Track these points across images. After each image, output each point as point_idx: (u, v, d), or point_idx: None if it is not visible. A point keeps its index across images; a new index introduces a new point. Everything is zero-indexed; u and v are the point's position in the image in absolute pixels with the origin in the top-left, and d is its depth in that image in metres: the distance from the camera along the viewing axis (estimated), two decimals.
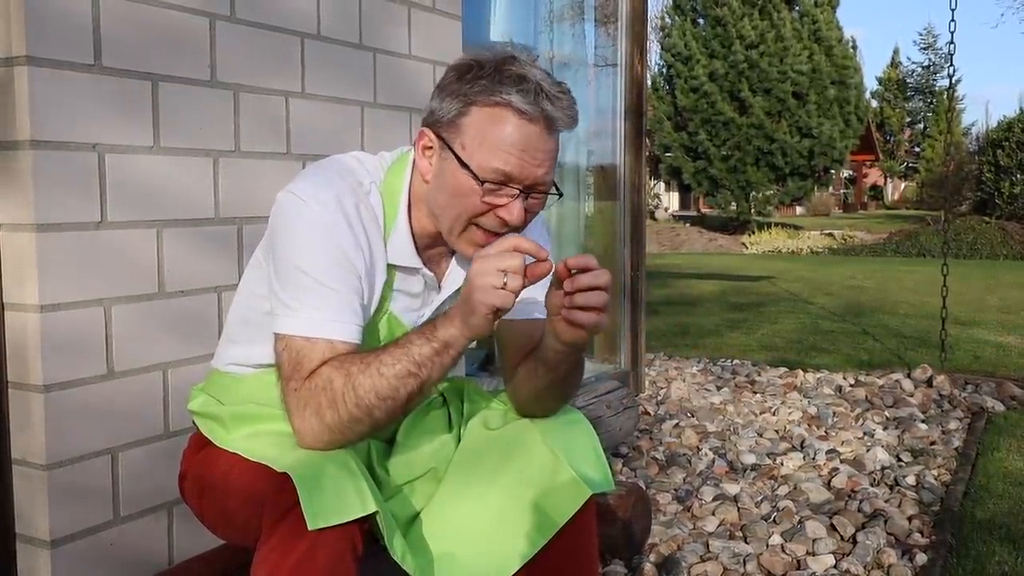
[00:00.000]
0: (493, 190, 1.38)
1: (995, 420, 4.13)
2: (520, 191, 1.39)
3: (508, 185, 1.38)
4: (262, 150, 2.23)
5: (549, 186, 1.43)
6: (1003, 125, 22.62)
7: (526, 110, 1.36)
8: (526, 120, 1.37)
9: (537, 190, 1.41)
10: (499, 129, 1.37)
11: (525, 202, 1.40)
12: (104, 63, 1.86)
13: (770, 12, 20.83)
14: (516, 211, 1.39)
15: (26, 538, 1.84)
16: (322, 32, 2.37)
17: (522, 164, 1.37)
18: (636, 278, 4.44)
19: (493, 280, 1.28)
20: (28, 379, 1.79)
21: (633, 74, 4.31)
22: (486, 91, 1.37)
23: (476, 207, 1.39)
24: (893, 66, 45.81)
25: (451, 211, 1.42)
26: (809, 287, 10.28)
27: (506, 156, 1.37)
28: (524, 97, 1.36)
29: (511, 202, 1.39)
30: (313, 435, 1.34)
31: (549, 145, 1.40)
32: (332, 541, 1.25)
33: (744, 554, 2.58)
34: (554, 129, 1.40)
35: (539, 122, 1.37)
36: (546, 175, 1.41)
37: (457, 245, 1.45)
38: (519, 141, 1.37)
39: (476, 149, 1.38)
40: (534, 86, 1.37)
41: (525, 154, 1.37)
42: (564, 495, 1.48)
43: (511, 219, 1.39)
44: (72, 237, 1.82)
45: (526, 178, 1.38)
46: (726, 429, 3.89)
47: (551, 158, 1.41)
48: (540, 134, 1.38)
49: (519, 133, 1.37)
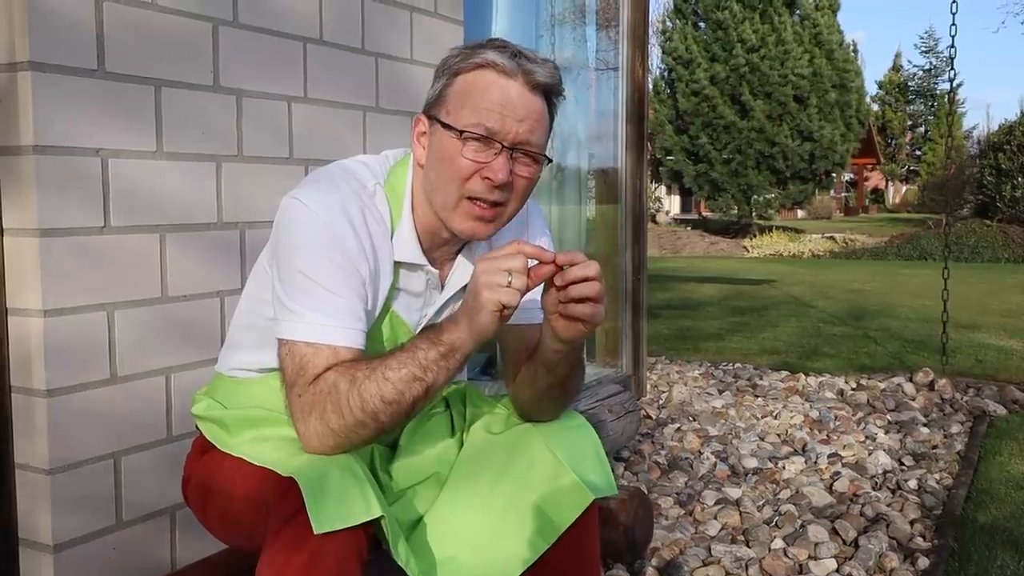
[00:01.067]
0: (475, 145, 1.38)
1: (997, 424, 4.13)
2: (503, 147, 1.39)
3: (490, 139, 1.38)
4: (265, 155, 2.23)
5: (537, 148, 1.43)
6: (1004, 128, 22.66)
7: (503, 63, 1.39)
8: (504, 75, 1.39)
9: (523, 150, 1.41)
10: (479, 87, 1.40)
11: (512, 163, 1.40)
12: (107, 68, 1.87)
13: (771, 16, 20.86)
14: (499, 167, 1.38)
15: (29, 543, 1.84)
16: (324, 37, 2.38)
17: (503, 118, 1.38)
18: (637, 282, 4.44)
19: (498, 279, 1.28)
20: (31, 384, 1.80)
21: (634, 78, 4.32)
22: (466, 58, 1.42)
23: (462, 167, 1.39)
24: (894, 69, 45.86)
25: (442, 180, 1.42)
26: (810, 291, 10.28)
27: (487, 112, 1.38)
28: (501, 53, 1.40)
29: (495, 159, 1.39)
30: (318, 439, 1.34)
31: (532, 104, 1.41)
32: (337, 545, 1.25)
33: (746, 558, 2.58)
34: (535, 86, 1.41)
35: (517, 76, 1.39)
36: (530, 134, 1.41)
37: (452, 220, 1.44)
38: (498, 95, 1.39)
39: (459, 111, 1.40)
40: (512, 49, 1.41)
41: (505, 108, 1.38)
42: (566, 499, 1.49)
43: (496, 177, 1.38)
44: (75, 242, 1.82)
45: (508, 133, 1.38)
46: (728, 433, 3.89)
47: (535, 118, 1.41)
48: (520, 89, 1.39)
49: (497, 87, 1.39)
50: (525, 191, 1.45)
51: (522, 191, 1.45)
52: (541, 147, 1.44)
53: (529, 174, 1.44)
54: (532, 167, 1.44)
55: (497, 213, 1.43)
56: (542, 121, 1.43)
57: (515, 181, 1.42)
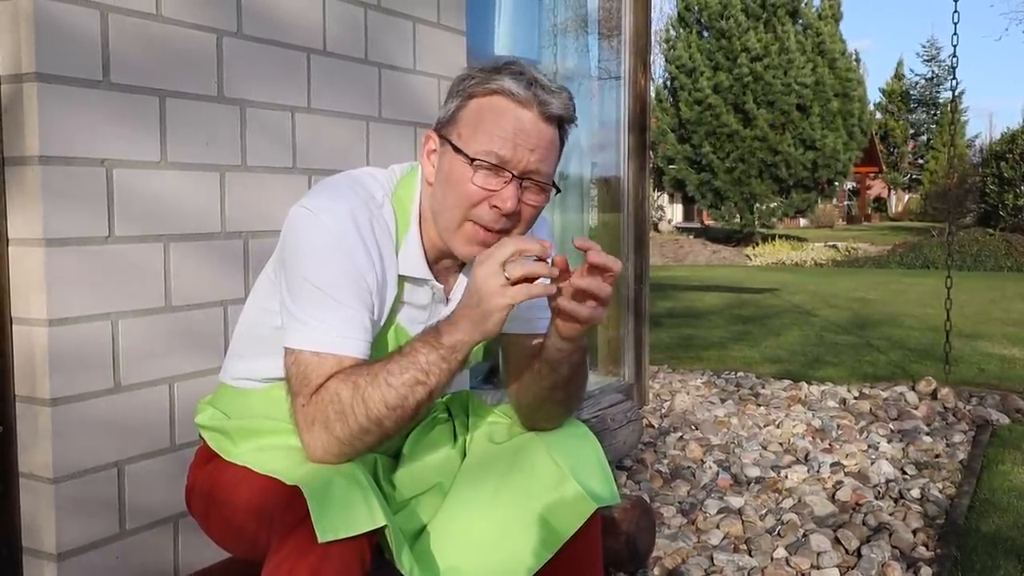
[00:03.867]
0: (485, 173, 1.38)
1: (1000, 433, 4.12)
2: (513, 176, 1.39)
3: (500, 168, 1.38)
4: (268, 165, 2.24)
5: (546, 178, 1.43)
6: (1006, 137, 22.67)
7: (518, 93, 1.39)
8: (518, 104, 1.39)
9: (532, 179, 1.41)
10: (492, 113, 1.40)
11: (521, 192, 1.40)
12: (112, 79, 1.88)
13: (774, 25, 20.89)
14: (508, 196, 1.38)
15: (32, 551, 1.84)
16: (328, 48, 2.39)
17: (515, 147, 1.38)
18: (640, 290, 4.44)
19: (499, 280, 1.26)
20: (36, 393, 1.80)
21: (636, 87, 4.33)
22: (482, 82, 1.41)
23: (471, 194, 1.39)
24: (897, 78, 45.89)
25: (448, 202, 1.42)
26: (813, 299, 10.27)
27: (499, 140, 1.38)
28: (516, 82, 1.39)
29: (504, 188, 1.39)
30: (323, 448, 1.34)
31: (544, 133, 1.41)
32: (341, 554, 1.25)
33: (748, 567, 2.58)
34: (549, 117, 1.41)
35: (531, 106, 1.39)
36: (540, 163, 1.41)
37: (454, 242, 1.44)
38: (511, 123, 1.39)
39: (471, 135, 1.40)
40: (529, 76, 1.40)
41: (517, 137, 1.38)
42: (569, 509, 1.49)
43: (504, 206, 1.38)
44: (80, 252, 1.83)
45: (519, 162, 1.39)
46: (730, 442, 3.89)
47: (546, 147, 1.42)
48: (533, 119, 1.39)
49: (511, 115, 1.39)
50: (530, 219, 1.46)
51: (528, 219, 1.45)
52: (550, 176, 1.45)
53: (536, 203, 1.44)
54: (540, 196, 1.44)
55: (500, 239, 1.44)
56: (553, 151, 1.44)
57: (522, 210, 1.42)
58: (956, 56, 5.00)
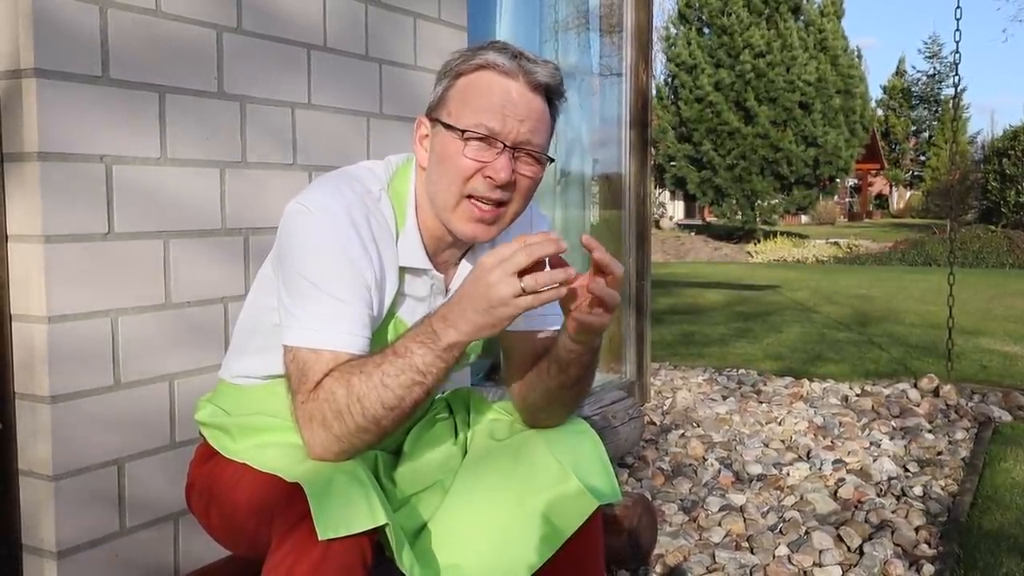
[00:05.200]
0: (477, 145, 1.39)
1: (1002, 430, 4.12)
2: (505, 146, 1.39)
3: (492, 139, 1.38)
4: (269, 161, 2.23)
5: (540, 149, 1.43)
6: (1008, 134, 22.66)
7: (503, 64, 1.40)
8: (504, 75, 1.40)
9: (525, 150, 1.41)
10: (480, 87, 1.41)
11: (514, 163, 1.40)
12: (111, 75, 1.87)
13: (776, 22, 20.88)
14: (501, 166, 1.38)
15: (32, 549, 1.84)
16: (328, 43, 2.38)
17: (504, 118, 1.38)
18: (641, 287, 4.44)
19: (512, 288, 1.23)
20: (35, 390, 1.80)
21: (638, 83, 4.32)
22: (467, 59, 1.43)
23: (464, 167, 1.39)
24: (898, 75, 45.85)
25: (443, 181, 1.42)
26: (815, 296, 10.26)
27: (488, 112, 1.39)
28: (501, 55, 1.41)
29: (497, 158, 1.39)
30: (323, 446, 1.34)
31: (533, 104, 1.41)
32: (341, 552, 1.24)
33: (750, 565, 2.58)
34: (536, 86, 1.41)
35: (518, 76, 1.40)
36: (532, 133, 1.41)
37: (453, 222, 1.44)
38: (499, 95, 1.39)
39: (460, 111, 1.41)
40: (513, 50, 1.42)
41: (506, 108, 1.39)
42: (571, 506, 1.48)
43: (498, 176, 1.38)
44: (79, 248, 1.83)
45: (510, 132, 1.39)
46: (732, 439, 3.89)
47: (536, 118, 1.42)
48: (520, 89, 1.40)
49: (499, 87, 1.40)
50: (528, 191, 1.45)
51: (525, 191, 1.44)
52: (543, 147, 1.44)
53: (532, 174, 1.44)
54: (534, 167, 1.44)
55: (499, 214, 1.43)
56: (544, 121, 1.44)
57: (518, 181, 1.42)
58: (959, 52, 4.99)
